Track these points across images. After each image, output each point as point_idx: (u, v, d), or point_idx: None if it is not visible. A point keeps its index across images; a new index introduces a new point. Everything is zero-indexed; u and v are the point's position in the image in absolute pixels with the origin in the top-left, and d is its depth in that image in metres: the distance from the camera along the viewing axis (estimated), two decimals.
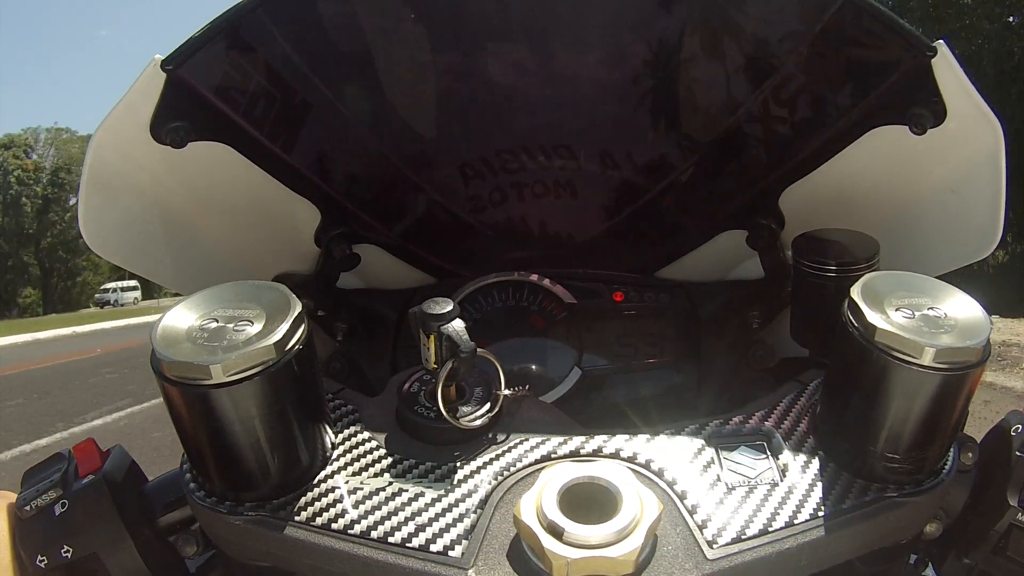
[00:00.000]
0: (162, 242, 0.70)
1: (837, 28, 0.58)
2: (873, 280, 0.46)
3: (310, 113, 0.67)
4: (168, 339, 0.41)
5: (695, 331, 0.83)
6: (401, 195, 0.78)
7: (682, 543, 0.43)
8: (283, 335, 0.41)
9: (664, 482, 0.47)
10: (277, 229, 0.77)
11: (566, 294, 0.82)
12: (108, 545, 0.49)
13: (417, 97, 0.69)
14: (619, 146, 0.73)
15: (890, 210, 0.71)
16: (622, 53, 0.66)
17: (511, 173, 0.75)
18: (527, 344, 0.82)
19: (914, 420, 0.43)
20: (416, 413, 0.50)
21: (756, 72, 0.65)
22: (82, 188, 0.59)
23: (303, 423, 0.45)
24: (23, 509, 0.50)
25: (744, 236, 0.77)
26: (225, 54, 0.59)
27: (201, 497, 0.45)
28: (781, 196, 0.73)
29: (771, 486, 0.46)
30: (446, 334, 0.47)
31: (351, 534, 0.43)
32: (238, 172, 0.66)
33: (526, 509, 0.41)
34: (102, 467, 0.51)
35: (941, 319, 0.43)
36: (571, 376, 0.79)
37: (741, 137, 0.69)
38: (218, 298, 0.44)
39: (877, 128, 0.62)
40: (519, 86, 0.69)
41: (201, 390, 0.40)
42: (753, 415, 0.52)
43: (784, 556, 0.43)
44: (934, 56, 0.54)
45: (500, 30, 0.64)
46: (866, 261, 0.61)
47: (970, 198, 0.63)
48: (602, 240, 0.83)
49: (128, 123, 0.57)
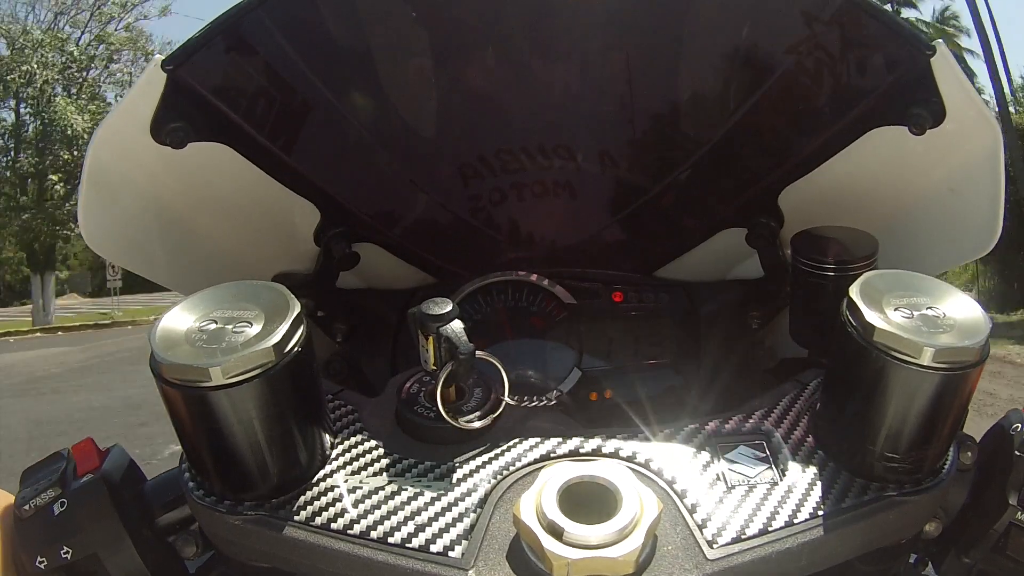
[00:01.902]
0: (161, 241, 0.70)
1: (837, 27, 0.58)
2: (872, 279, 0.46)
3: (310, 113, 0.67)
4: (167, 341, 0.41)
5: (695, 331, 0.83)
6: (401, 195, 0.78)
7: (682, 543, 0.43)
8: (282, 337, 0.41)
9: (664, 481, 0.47)
10: (276, 228, 0.77)
11: (566, 294, 0.82)
12: (107, 545, 0.49)
13: (417, 97, 0.69)
14: (618, 146, 0.73)
15: (889, 209, 0.71)
16: (622, 53, 0.66)
17: (511, 173, 0.75)
18: (527, 345, 0.82)
19: (913, 420, 0.43)
20: (416, 414, 0.50)
21: (755, 72, 0.65)
22: (82, 188, 0.59)
23: (302, 424, 0.45)
24: (22, 508, 0.50)
25: (744, 235, 0.77)
26: (225, 54, 0.60)
27: (200, 497, 0.45)
28: (781, 195, 0.73)
29: (771, 485, 0.46)
30: (445, 335, 0.47)
31: (351, 534, 0.43)
32: (238, 172, 0.66)
33: (526, 509, 0.41)
34: (101, 466, 0.51)
35: (940, 318, 0.43)
36: (571, 377, 0.79)
37: (740, 136, 0.69)
38: (217, 298, 0.44)
39: (876, 128, 0.62)
40: (519, 86, 0.69)
41: (200, 392, 0.40)
42: (753, 415, 0.52)
43: (784, 555, 0.43)
44: (933, 55, 0.54)
45: (500, 30, 0.64)
46: (865, 259, 0.61)
47: (969, 197, 0.63)
48: (602, 240, 0.83)
49: (128, 123, 0.57)
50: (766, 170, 0.72)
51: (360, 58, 0.65)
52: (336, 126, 0.69)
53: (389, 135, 0.72)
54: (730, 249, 0.80)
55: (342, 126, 0.69)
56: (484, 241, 0.83)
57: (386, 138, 0.72)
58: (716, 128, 0.69)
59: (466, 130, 0.72)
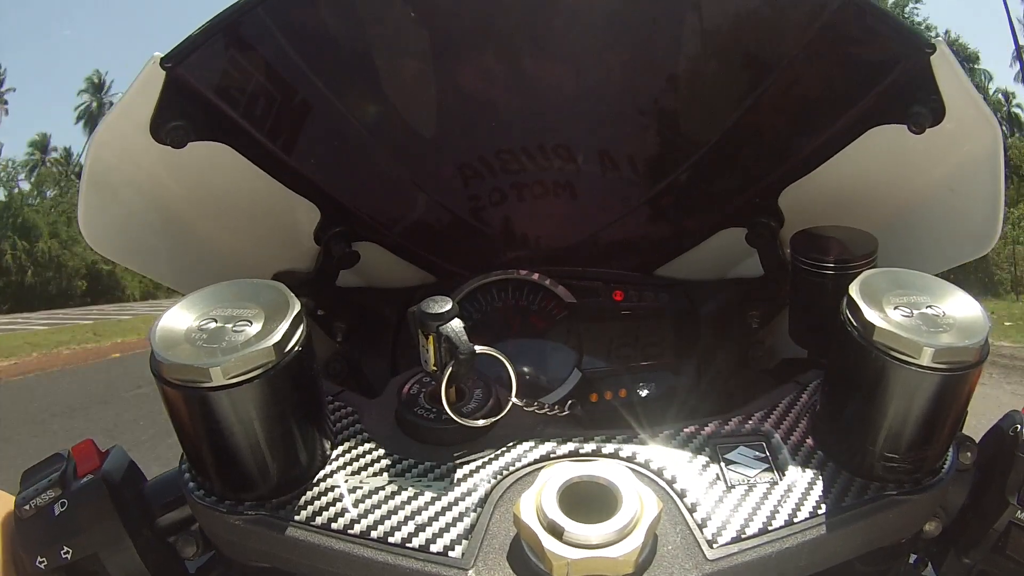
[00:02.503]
0: (161, 240, 0.70)
1: (836, 26, 0.58)
2: (871, 278, 0.46)
3: (310, 112, 0.67)
4: (167, 340, 0.41)
5: (695, 330, 0.83)
6: (400, 194, 0.78)
7: (682, 542, 0.43)
8: (282, 336, 0.41)
9: (664, 481, 0.47)
10: (276, 227, 0.77)
11: (566, 294, 0.82)
12: (108, 545, 0.49)
13: (417, 96, 0.69)
14: (618, 146, 0.73)
15: (889, 208, 0.71)
16: (621, 52, 0.65)
17: (511, 173, 0.75)
18: (527, 345, 0.82)
19: (913, 419, 0.43)
20: (416, 414, 0.50)
21: (755, 71, 0.64)
22: (82, 187, 0.59)
23: (302, 423, 0.45)
24: (22, 509, 0.50)
25: (743, 234, 0.77)
26: (224, 52, 0.59)
27: (200, 497, 0.45)
28: (780, 195, 0.73)
29: (770, 485, 0.46)
30: (445, 334, 0.47)
31: (351, 534, 0.43)
32: (238, 171, 0.66)
33: (526, 509, 0.41)
34: (101, 467, 0.51)
35: (939, 318, 0.43)
36: (572, 378, 0.79)
37: (740, 136, 0.69)
38: (217, 297, 0.44)
39: (876, 127, 0.62)
40: (519, 86, 0.68)
41: (200, 392, 0.40)
42: (752, 415, 0.52)
43: (784, 555, 0.43)
44: (933, 54, 0.54)
45: (500, 30, 0.64)
46: (864, 258, 0.61)
47: (969, 196, 0.63)
48: (602, 240, 0.83)
49: (128, 122, 0.57)
50: (766, 170, 0.72)
51: (360, 58, 0.65)
52: (336, 126, 0.69)
53: (389, 135, 0.72)
54: (730, 249, 0.80)
55: (342, 126, 0.69)
56: (484, 240, 0.83)
57: (386, 138, 0.72)
58: (716, 128, 0.69)
59: (466, 130, 0.72)
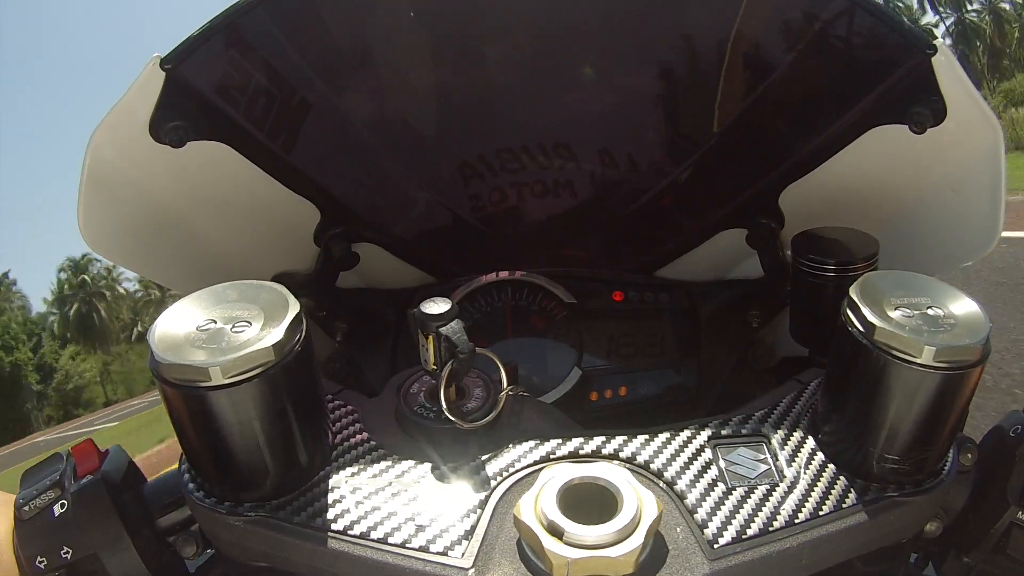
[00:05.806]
0: (161, 241, 0.70)
1: (837, 26, 0.58)
2: (872, 279, 0.46)
3: (310, 112, 0.67)
4: (166, 341, 0.41)
5: (695, 331, 0.83)
6: (400, 194, 0.78)
7: (682, 543, 0.43)
8: (282, 336, 0.41)
9: (664, 482, 0.47)
10: (276, 228, 0.77)
11: (566, 294, 0.82)
12: (108, 545, 0.49)
13: (417, 96, 0.69)
14: (618, 146, 0.73)
15: (890, 209, 0.71)
16: (621, 52, 0.66)
17: (511, 173, 0.75)
18: (527, 344, 0.82)
19: (914, 419, 0.43)
20: (416, 414, 0.50)
21: (755, 71, 0.64)
22: (81, 187, 0.59)
23: (302, 424, 0.45)
24: (22, 509, 0.50)
25: (744, 235, 0.77)
26: (224, 53, 0.59)
27: (200, 497, 0.45)
28: (781, 195, 0.73)
29: (771, 486, 0.46)
30: (444, 335, 0.47)
31: (351, 535, 0.43)
32: (237, 171, 0.66)
33: (526, 509, 0.41)
34: (100, 467, 0.51)
35: (940, 318, 0.43)
36: (571, 376, 0.79)
37: (740, 136, 0.69)
38: (216, 298, 0.44)
39: (877, 127, 0.62)
40: (518, 85, 0.68)
41: (200, 392, 0.40)
42: (753, 415, 0.52)
43: (784, 556, 0.43)
44: (934, 54, 0.54)
45: (500, 29, 0.64)
46: (865, 260, 0.61)
47: (969, 197, 0.63)
48: (602, 240, 0.83)
49: (127, 122, 0.57)
50: (766, 170, 0.72)
51: (360, 58, 0.65)
52: (336, 125, 0.69)
53: (389, 135, 0.72)
54: (730, 249, 0.80)
55: (342, 126, 0.69)
56: (484, 240, 0.83)
57: (386, 138, 0.72)
58: (716, 128, 0.69)
59: (466, 129, 0.72)
